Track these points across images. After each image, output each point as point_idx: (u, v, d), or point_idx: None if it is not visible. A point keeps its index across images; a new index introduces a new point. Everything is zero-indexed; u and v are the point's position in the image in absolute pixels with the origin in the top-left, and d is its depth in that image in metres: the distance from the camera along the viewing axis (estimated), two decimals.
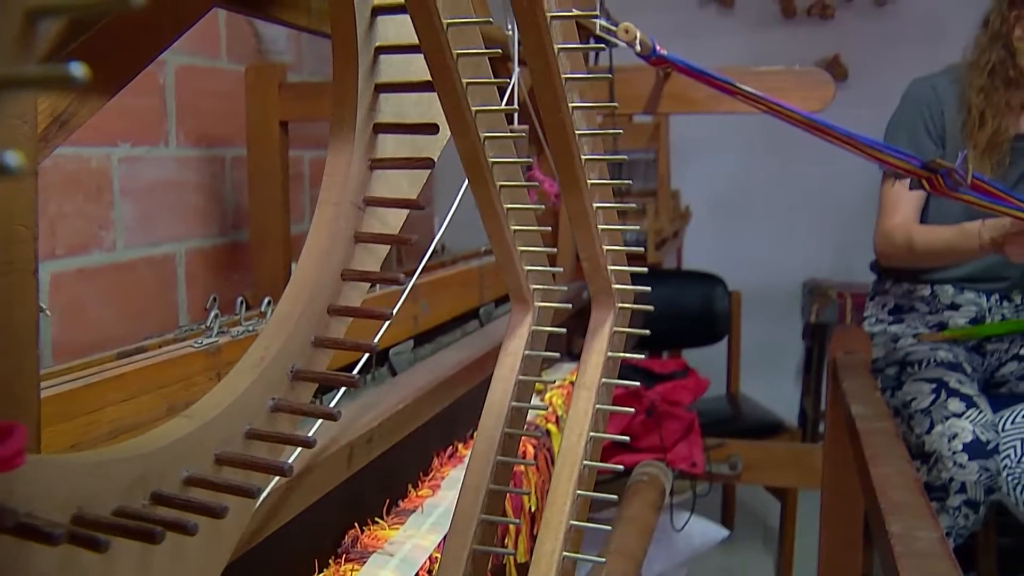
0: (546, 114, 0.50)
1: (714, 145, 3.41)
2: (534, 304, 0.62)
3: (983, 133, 1.81)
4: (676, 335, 2.66)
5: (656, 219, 2.62)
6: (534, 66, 0.48)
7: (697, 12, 3.56)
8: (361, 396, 0.97)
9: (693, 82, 1.53)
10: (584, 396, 0.58)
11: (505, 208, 0.56)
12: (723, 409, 2.64)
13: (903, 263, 1.93)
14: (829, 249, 3.42)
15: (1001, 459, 1.68)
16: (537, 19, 0.46)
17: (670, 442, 1.63)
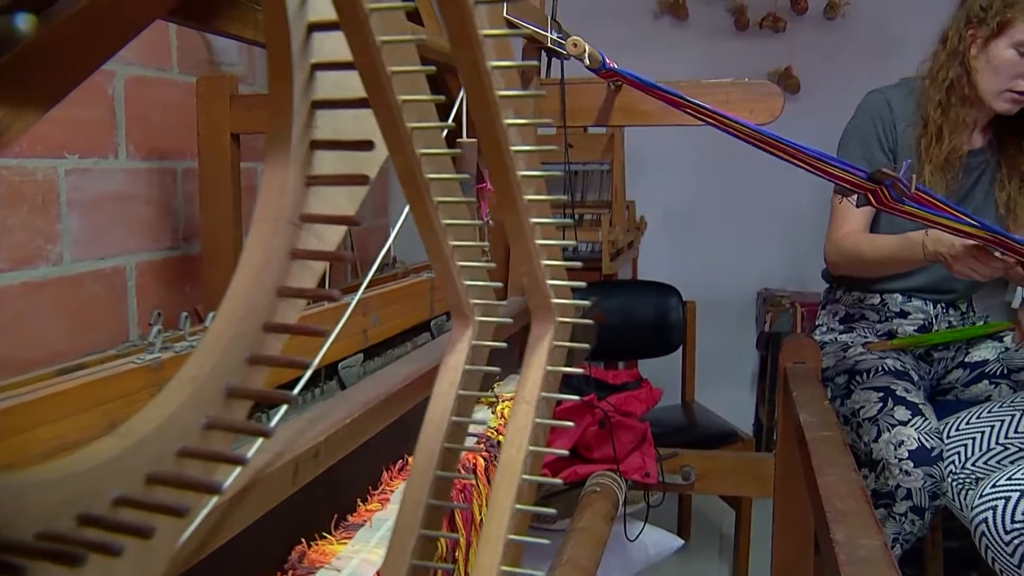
0: (481, 131, 0.51)
1: (669, 156, 3.44)
2: (474, 319, 0.62)
3: (940, 148, 1.84)
4: (631, 345, 2.67)
5: (611, 230, 2.63)
6: (467, 84, 0.49)
7: (652, 24, 3.59)
8: (309, 410, 0.97)
9: (644, 95, 1.55)
10: (523, 410, 0.59)
11: (443, 224, 0.56)
12: (678, 419, 2.66)
13: (853, 272, 1.97)
14: (782, 259, 3.47)
15: (945, 465, 1.71)
16: (469, 37, 0.46)
17: (623, 453, 1.63)
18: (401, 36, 0.48)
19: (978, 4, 1.79)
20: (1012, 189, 1.91)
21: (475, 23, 0.46)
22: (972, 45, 1.81)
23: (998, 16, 1.75)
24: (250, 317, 0.50)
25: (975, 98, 1.83)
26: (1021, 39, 1.73)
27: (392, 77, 0.49)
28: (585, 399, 1.61)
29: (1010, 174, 1.92)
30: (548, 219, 0.57)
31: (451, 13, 0.46)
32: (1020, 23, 1.73)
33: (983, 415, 1.78)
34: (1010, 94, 1.78)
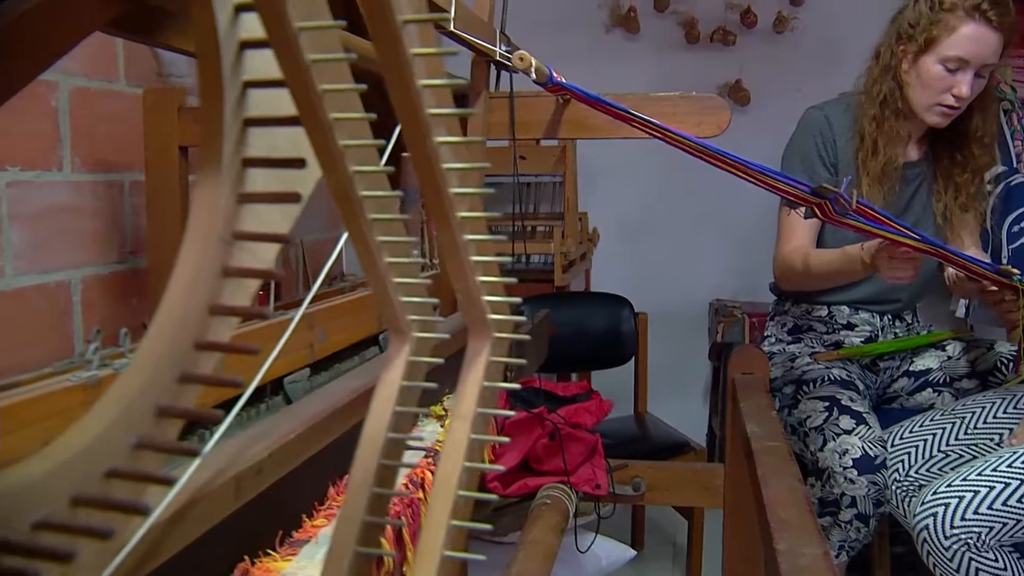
0: (412, 149, 0.51)
1: (622, 168, 3.47)
2: (411, 335, 0.62)
3: (876, 161, 1.88)
4: (584, 357, 2.68)
5: (563, 242, 2.65)
6: (397, 103, 0.49)
7: (604, 37, 3.63)
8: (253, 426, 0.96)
9: (592, 108, 1.56)
10: (459, 426, 0.59)
11: (378, 241, 0.56)
12: (630, 430, 2.67)
13: (800, 286, 2.00)
14: (734, 270, 3.51)
15: (890, 473, 1.74)
16: (397, 56, 0.47)
17: (573, 465, 1.64)
18: (332, 55, 0.49)
19: (907, 21, 1.83)
20: (948, 199, 1.95)
21: (403, 42, 0.46)
22: (903, 60, 1.85)
23: (925, 33, 1.79)
24: (181, 335, 0.50)
25: (908, 111, 1.87)
26: (947, 55, 1.77)
27: (323, 95, 0.49)
28: (535, 411, 1.62)
29: (945, 185, 1.97)
30: (483, 236, 0.58)
31: (379, 33, 0.46)
32: (945, 39, 1.77)
33: (926, 423, 1.81)
34: (940, 107, 1.82)
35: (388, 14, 0.45)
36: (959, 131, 1.92)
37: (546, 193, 3.13)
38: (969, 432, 1.77)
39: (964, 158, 1.94)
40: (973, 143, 1.93)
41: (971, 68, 1.78)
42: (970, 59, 1.77)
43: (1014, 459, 1.53)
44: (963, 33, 1.76)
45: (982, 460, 1.57)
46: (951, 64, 1.78)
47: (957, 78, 1.79)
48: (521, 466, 1.64)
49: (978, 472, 1.53)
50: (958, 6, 1.75)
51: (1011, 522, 1.49)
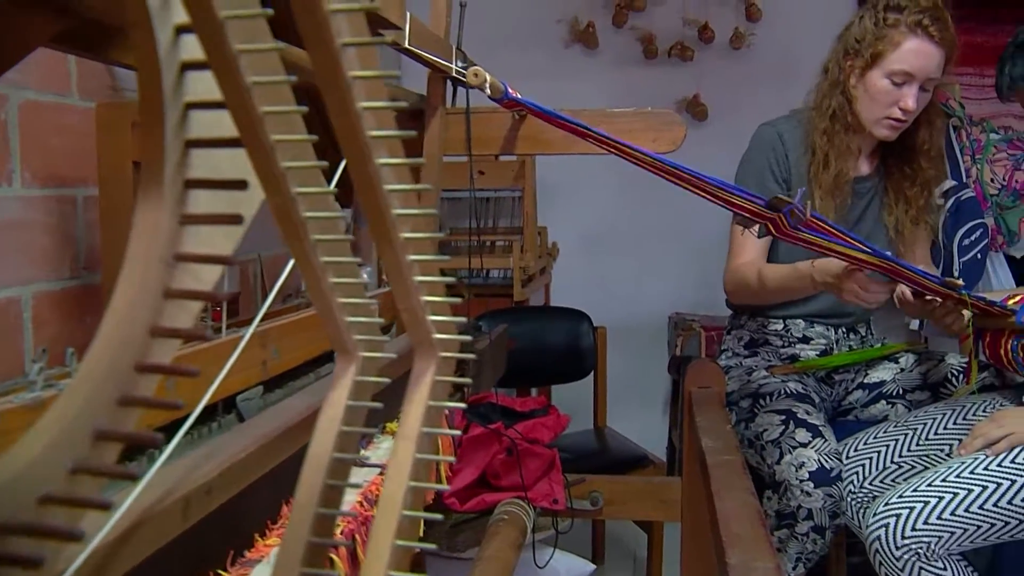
0: (353, 171, 0.52)
1: (581, 182, 3.49)
2: (357, 354, 0.62)
3: (827, 175, 1.91)
4: (543, 371, 2.69)
5: (522, 256, 2.65)
6: (337, 124, 0.49)
7: (563, 52, 3.65)
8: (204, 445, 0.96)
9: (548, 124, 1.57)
10: (404, 446, 0.59)
11: (322, 261, 0.56)
12: (590, 444, 2.68)
13: (751, 301, 2.02)
14: (693, 283, 3.53)
15: (845, 485, 1.76)
16: (336, 79, 0.47)
17: (531, 480, 1.64)
18: (273, 77, 0.49)
19: (853, 37, 1.88)
20: (899, 213, 1.99)
21: (342, 65, 0.47)
22: (851, 75, 1.90)
23: (871, 48, 1.84)
24: (121, 357, 0.50)
25: (857, 125, 1.92)
26: (892, 69, 1.83)
27: (264, 117, 0.49)
28: (492, 427, 1.62)
29: (896, 198, 2.01)
30: (428, 256, 0.58)
31: (318, 56, 0.46)
32: (891, 54, 1.82)
33: (879, 435, 1.84)
34: (888, 120, 1.87)
35: (326, 36, 0.45)
36: (907, 145, 1.97)
37: (505, 208, 3.14)
38: (921, 443, 1.79)
39: (913, 171, 1.99)
40: (921, 156, 1.98)
41: (916, 82, 1.84)
42: (915, 73, 1.82)
43: (962, 470, 1.56)
44: (907, 48, 1.81)
45: (932, 471, 1.59)
46: (897, 78, 1.83)
47: (903, 91, 1.84)
48: (479, 482, 1.64)
49: (928, 483, 1.56)
50: (901, 22, 1.81)
51: (959, 531, 1.51)
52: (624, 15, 3.56)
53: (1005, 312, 1.63)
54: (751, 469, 1.82)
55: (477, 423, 1.64)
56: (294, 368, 1.29)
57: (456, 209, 3.00)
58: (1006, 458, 1.55)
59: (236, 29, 0.46)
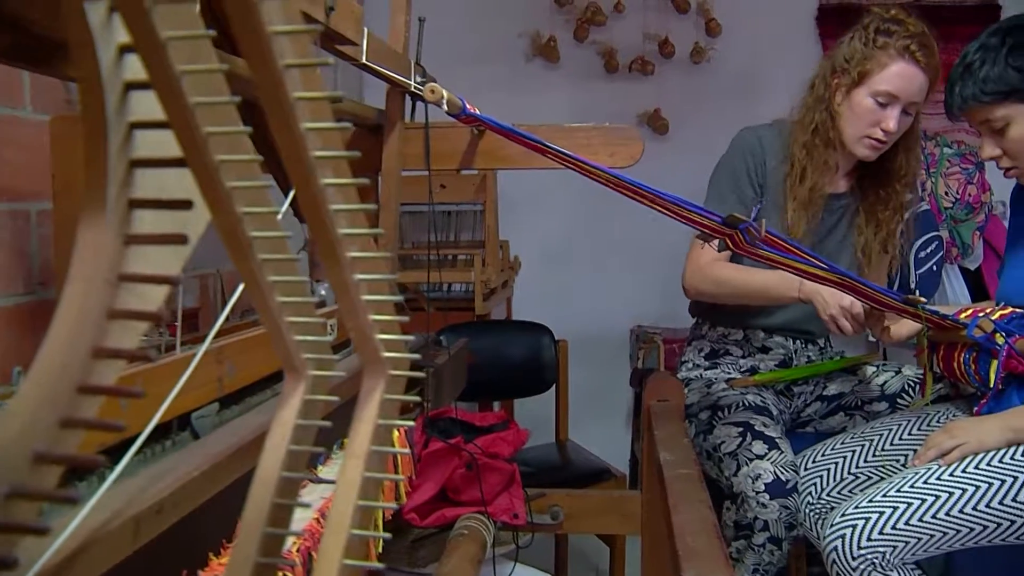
0: (298, 192, 0.52)
1: (543, 196, 3.50)
2: (307, 373, 0.62)
3: (803, 187, 1.95)
4: (505, 385, 2.69)
5: (484, 270, 2.66)
6: (281, 144, 0.49)
7: (524, 67, 3.67)
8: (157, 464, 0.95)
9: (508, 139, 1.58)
10: (353, 465, 0.59)
11: (269, 281, 0.56)
12: (552, 458, 2.69)
13: (715, 299, 2.04)
14: (655, 296, 3.55)
15: (802, 496, 1.78)
16: (280, 101, 0.47)
17: (491, 494, 1.64)
18: (216, 98, 0.49)
19: (842, 56, 1.92)
20: (868, 234, 2.03)
21: (285, 85, 0.47)
22: (836, 92, 1.94)
23: (859, 67, 1.88)
24: (63, 379, 0.50)
25: (838, 142, 1.95)
26: (878, 89, 1.86)
27: (209, 138, 0.49)
28: (452, 442, 1.62)
29: (868, 220, 2.04)
30: (377, 275, 0.58)
31: (260, 78, 0.47)
32: (878, 74, 1.86)
33: (836, 446, 1.86)
34: (868, 140, 1.91)
35: (268, 58, 0.46)
36: (885, 168, 2.01)
37: (467, 221, 3.14)
38: (877, 454, 1.82)
39: (887, 195, 2.03)
40: (896, 180, 2.02)
41: (899, 104, 1.88)
42: (899, 95, 1.87)
43: (916, 480, 1.58)
44: (894, 70, 1.86)
45: (888, 482, 1.61)
46: (881, 98, 1.87)
47: (886, 112, 1.88)
48: (438, 497, 1.63)
49: (883, 494, 1.58)
50: (891, 45, 1.86)
51: (914, 541, 1.53)
52: (585, 29, 3.59)
53: (957, 326, 1.66)
54: (710, 481, 1.84)
55: (437, 438, 1.64)
56: (251, 384, 1.28)
57: (417, 223, 3.00)
58: (958, 468, 1.58)
59: (179, 50, 0.46)
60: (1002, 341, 1.60)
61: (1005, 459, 1.58)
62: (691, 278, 2.03)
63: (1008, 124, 1.58)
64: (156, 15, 0.44)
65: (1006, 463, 1.57)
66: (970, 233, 3.10)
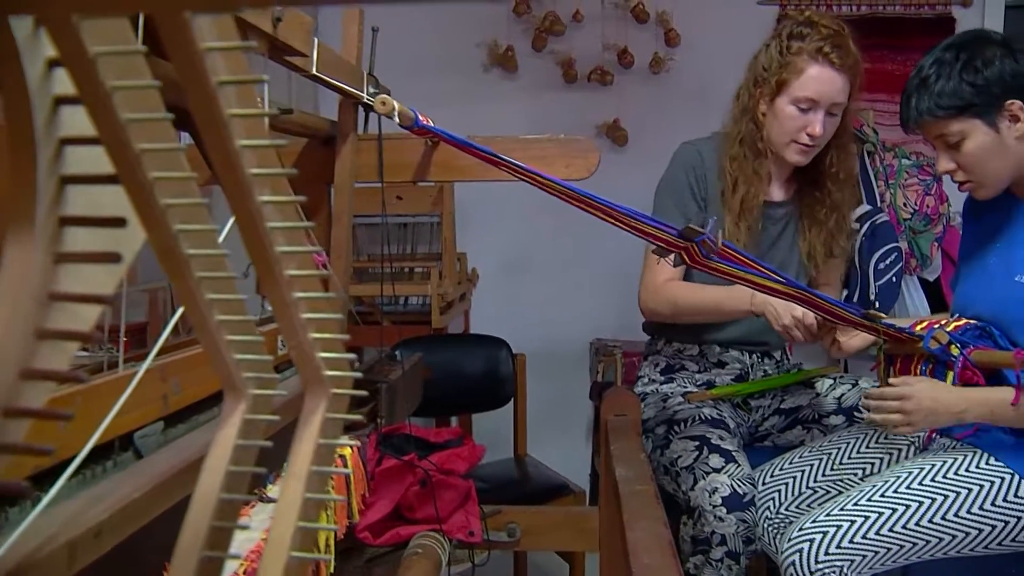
0: (234, 210, 0.52)
1: (501, 207, 3.50)
2: (247, 392, 0.62)
3: (735, 198, 1.97)
4: (462, 400, 2.69)
5: (440, 283, 2.66)
6: (215, 162, 0.49)
7: (482, 77, 3.68)
8: (96, 485, 0.94)
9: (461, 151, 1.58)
10: (293, 486, 0.59)
11: (207, 299, 0.56)
12: (509, 473, 2.69)
13: (667, 319, 2.06)
14: (614, 308, 3.56)
15: (761, 510, 1.80)
16: (214, 119, 0.47)
17: (446, 512, 1.64)
18: (150, 113, 0.49)
19: (760, 65, 1.95)
20: (812, 238, 2.06)
21: (219, 103, 0.47)
22: (760, 102, 1.96)
23: (776, 76, 1.92)
24: None
25: (767, 150, 1.98)
26: (797, 95, 1.90)
27: (142, 155, 0.49)
28: (405, 459, 1.61)
29: (809, 224, 2.07)
30: (317, 293, 0.58)
31: (192, 95, 0.47)
32: (795, 81, 1.90)
33: (794, 460, 1.88)
34: (796, 145, 1.94)
35: (200, 75, 0.46)
36: (818, 169, 2.04)
37: (424, 233, 3.14)
38: (835, 468, 1.84)
39: (823, 195, 2.06)
40: (829, 180, 2.04)
41: (821, 107, 1.91)
42: (819, 99, 1.89)
43: (874, 493, 1.60)
44: (810, 75, 1.89)
45: (845, 495, 1.63)
46: (802, 104, 1.90)
47: (809, 117, 1.91)
48: (392, 515, 1.63)
49: (841, 507, 1.59)
50: (803, 50, 1.89)
51: (871, 554, 1.55)
52: (543, 39, 3.61)
53: (914, 338, 1.69)
54: (667, 496, 1.85)
55: (390, 455, 1.64)
56: (199, 402, 1.27)
57: (373, 235, 2.99)
58: (913, 481, 1.60)
59: (109, 65, 0.46)
60: (957, 353, 1.63)
61: (960, 471, 1.61)
62: (647, 300, 2.05)
63: (963, 139, 1.61)
64: (84, 30, 0.44)
65: (962, 475, 1.60)
66: (928, 244, 3.15)
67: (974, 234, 1.82)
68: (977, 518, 1.58)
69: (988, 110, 1.59)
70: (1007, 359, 1.56)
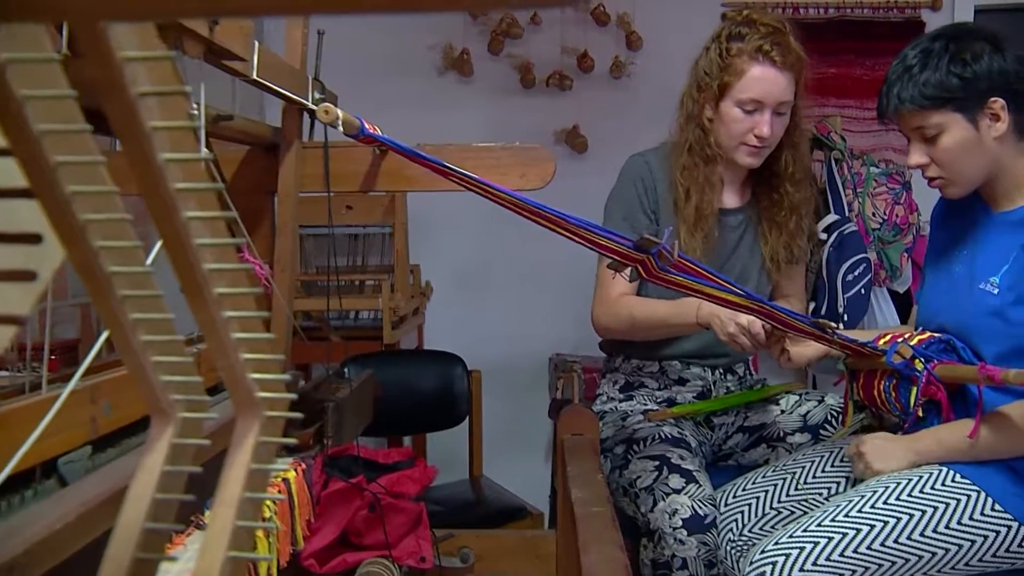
0: (159, 227, 0.52)
1: (456, 217, 3.50)
2: (176, 415, 0.62)
3: (689, 207, 1.99)
4: (415, 418, 2.69)
5: (392, 296, 2.65)
6: (138, 177, 0.49)
7: (436, 81, 3.68)
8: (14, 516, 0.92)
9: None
10: (223, 513, 0.59)
11: (132, 319, 0.56)
12: (464, 495, 2.69)
13: (622, 335, 2.07)
14: (575, 322, 3.56)
15: (723, 532, 1.81)
16: (135, 133, 0.47)
17: (396, 537, 1.64)
18: (68, 125, 0.49)
19: (702, 70, 1.98)
20: (773, 240, 2.08)
21: (141, 115, 0.47)
22: (705, 107, 1.98)
23: (717, 79, 1.95)
24: None
25: (717, 156, 2.00)
26: (741, 98, 1.92)
27: (58, 168, 0.49)
28: (353, 481, 1.61)
29: (769, 227, 2.10)
30: (249, 312, 0.58)
31: (112, 107, 0.47)
32: (737, 83, 1.92)
33: (758, 480, 1.89)
34: (746, 147, 1.96)
35: (120, 86, 0.46)
36: (773, 171, 2.06)
37: (375, 244, 3.14)
38: (799, 488, 1.85)
39: (780, 196, 2.08)
40: (786, 180, 2.07)
41: (767, 107, 1.94)
42: (763, 99, 1.92)
43: (838, 513, 1.62)
44: (751, 75, 1.91)
45: (809, 516, 1.65)
46: (747, 106, 1.93)
47: (756, 119, 1.94)
48: (340, 541, 1.62)
49: (804, 528, 1.61)
50: (743, 51, 1.92)
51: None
52: (500, 42, 3.62)
53: (877, 353, 1.71)
54: (627, 518, 1.86)
55: (338, 477, 1.63)
56: (131, 424, 1.25)
57: (322, 246, 2.98)
58: (878, 500, 1.62)
59: (21, 74, 0.46)
60: (921, 367, 1.66)
61: (927, 488, 1.63)
62: (601, 315, 2.06)
63: (941, 132, 1.62)
64: None
65: (928, 493, 1.63)
66: (898, 255, 3.18)
67: (941, 242, 1.85)
68: (944, 538, 1.60)
69: (971, 105, 1.61)
70: (971, 374, 1.58)
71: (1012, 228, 1.67)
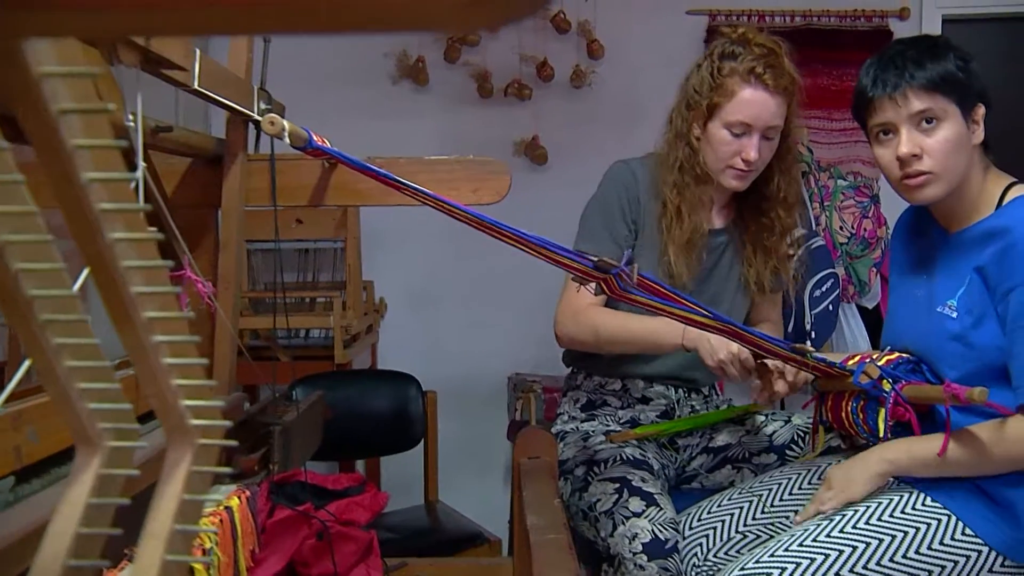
0: (82, 249, 0.51)
1: (411, 232, 3.50)
2: (103, 445, 0.61)
3: (682, 230, 1.99)
4: (368, 441, 2.68)
5: (344, 314, 2.65)
6: (61, 198, 0.49)
7: (390, 89, 3.68)
8: None
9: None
10: (151, 546, 0.58)
11: (55, 344, 0.55)
12: (419, 521, 2.68)
13: (587, 348, 2.07)
14: (534, 340, 3.57)
15: (688, 556, 1.82)
16: (57, 150, 0.47)
17: (345, 567, 1.63)
18: None
19: (692, 87, 1.98)
20: (759, 265, 2.09)
21: (62, 134, 0.47)
22: (694, 125, 1.98)
23: (707, 99, 1.94)
24: None
25: (706, 176, 2.00)
26: (729, 120, 1.92)
27: None
28: (300, 509, 1.60)
29: (755, 250, 2.10)
30: (180, 336, 0.58)
31: (31, 125, 0.46)
32: (727, 105, 1.92)
33: (723, 503, 1.90)
34: (732, 170, 1.96)
35: (38, 103, 0.46)
36: (764, 195, 2.06)
37: (327, 260, 3.13)
38: (766, 511, 1.87)
39: (771, 220, 2.08)
40: (779, 205, 2.07)
41: (755, 131, 1.93)
42: (752, 123, 1.92)
43: (804, 538, 1.63)
44: (742, 98, 1.91)
45: (776, 540, 1.66)
46: (736, 129, 1.92)
47: (743, 142, 1.93)
48: (286, 571, 1.61)
49: (771, 553, 1.62)
50: (736, 71, 1.91)
51: None
52: (457, 50, 3.63)
53: (844, 373, 1.73)
54: (587, 543, 1.86)
55: (284, 505, 1.62)
56: (59, 453, 1.24)
57: (270, 262, 2.97)
58: (847, 524, 1.63)
59: None
60: (889, 388, 1.67)
61: (897, 512, 1.65)
62: (565, 324, 2.06)
63: (941, 121, 1.62)
64: None
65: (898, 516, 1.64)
66: (867, 270, 3.22)
67: (902, 264, 1.87)
68: (914, 563, 1.62)
69: (968, 104, 1.64)
70: (937, 394, 1.60)
71: (967, 248, 1.68)
